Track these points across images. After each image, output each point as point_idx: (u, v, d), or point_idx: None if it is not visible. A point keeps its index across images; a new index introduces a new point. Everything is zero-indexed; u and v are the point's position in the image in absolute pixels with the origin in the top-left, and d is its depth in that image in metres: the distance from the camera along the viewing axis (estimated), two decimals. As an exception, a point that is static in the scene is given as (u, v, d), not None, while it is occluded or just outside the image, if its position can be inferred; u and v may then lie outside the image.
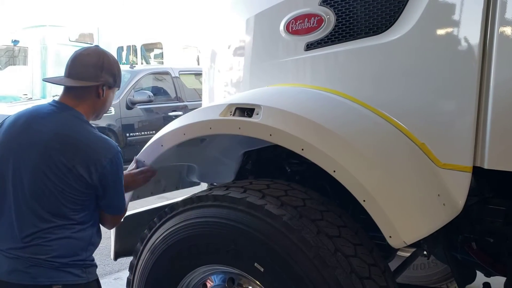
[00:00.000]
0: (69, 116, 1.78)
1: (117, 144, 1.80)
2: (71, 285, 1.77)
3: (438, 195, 1.72)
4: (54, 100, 1.84)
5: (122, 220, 1.98)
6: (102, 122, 6.95)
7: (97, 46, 1.93)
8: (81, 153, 1.70)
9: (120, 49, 14.39)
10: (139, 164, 2.13)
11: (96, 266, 1.90)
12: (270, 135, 1.80)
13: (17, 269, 1.72)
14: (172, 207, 2.03)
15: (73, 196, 1.72)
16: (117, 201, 1.84)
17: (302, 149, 1.73)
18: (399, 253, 2.87)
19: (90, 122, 1.87)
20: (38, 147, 1.71)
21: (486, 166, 1.67)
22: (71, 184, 1.70)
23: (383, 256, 2.12)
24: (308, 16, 2.09)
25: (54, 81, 1.96)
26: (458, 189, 1.73)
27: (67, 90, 1.84)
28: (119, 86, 1.96)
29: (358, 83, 1.99)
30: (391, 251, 2.28)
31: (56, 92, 9.04)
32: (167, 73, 8.36)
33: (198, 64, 12.18)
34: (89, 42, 13.21)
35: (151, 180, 2.15)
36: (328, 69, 2.10)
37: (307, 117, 1.81)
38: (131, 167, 2.13)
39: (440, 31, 1.76)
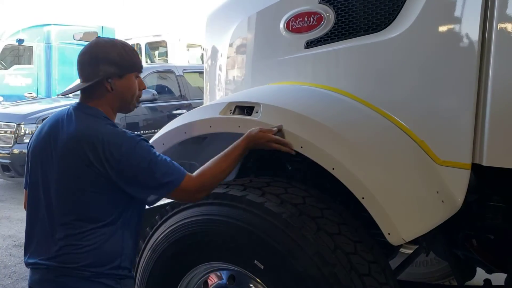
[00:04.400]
0: (85, 115, 1.69)
1: (138, 134, 1.66)
2: None
3: (437, 192, 1.72)
4: (76, 102, 1.76)
5: (197, 186, 1.67)
6: (106, 121, 6.97)
7: (97, 38, 1.76)
8: (96, 148, 1.59)
9: (124, 48, 14.40)
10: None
11: (133, 278, 1.77)
12: (270, 133, 1.81)
13: (48, 279, 1.64)
14: (173, 205, 2.04)
15: (95, 194, 1.61)
16: (155, 183, 1.62)
17: (301, 147, 1.74)
18: (402, 250, 2.88)
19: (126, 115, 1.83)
20: (58, 150, 1.65)
21: (484, 163, 1.67)
22: (91, 180, 1.60)
23: (385, 253, 2.13)
24: (308, 14, 2.10)
25: (70, 91, 1.92)
26: (457, 186, 1.73)
27: (82, 90, 1.75)
28: (133, 70, 1.74)
29: (358, 81, 1.99)
30: (393, 248, 2.29)
31: (60, 91, 9.07)
32: (171, 72, 8.38)
33: (203, 62, 12.19)
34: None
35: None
36: (328, 67, 2.11)
37: (306, 115, 1.81)
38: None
39: (439, 28, 1.75)
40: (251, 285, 1.90)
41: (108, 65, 1.67)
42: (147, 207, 1.84)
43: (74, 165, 1.61)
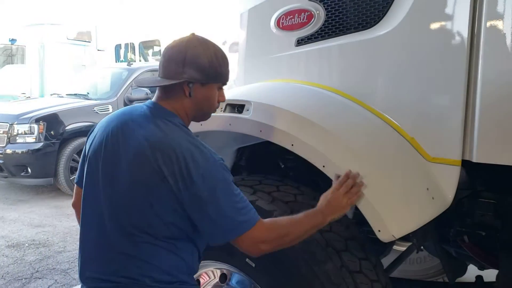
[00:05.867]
0: (163, 120, 1.50)
1: (219, 157, 1.47)
2: None
3: (427, 189, 1.72)
4: (149, 101, 1.60)
5: (266, 235, 1.45)
6: (100, 120, 6.96)
7: (191, 34, 1.57)
8: (172, 163, 1.40)
9: (118, 47, 14.36)
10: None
11: (195, 285, 1.59)
12: (260, 131, 1.81)
13: None
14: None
15: (162, 212, 1.43)
16: (216, 223, 1.41)
17: (292, 145, 1.74)
18: (395, 247, 2.88)
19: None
20: (128, 155, 1.47)
21: (474, 160, 1.67)
22: (161, 196, 1.42)
23: (378, 251, 2.14)
24: (298, 11, 2.10)
25: (147, 84, 1.68)
26: (448, 183, 1.73)
27: (159, 88, 1.59)
28: (218, 81, 1.57)
29: (348, 78, 1.99)
30: (386, 246, 2.29)
31: (55, 90, 9.04)
32: (164, 70, 8.35)
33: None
34: (87, 40, 13.22)
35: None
36: (319, 64, 2.11)
37: (296, 112, 1.81)
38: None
39: (428, 26, 1.75)
40: (242, 283, 1.90)
41: (194, 69, 1.50)
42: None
43: (146, 175, 1.43)
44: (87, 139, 1.65)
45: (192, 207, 1.41)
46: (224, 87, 2.62)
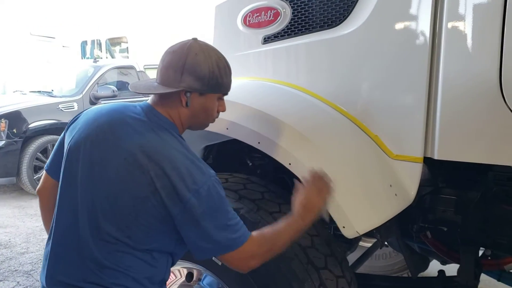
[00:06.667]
0: (161, 129, 1.43)
1: (213, 173, 1.41)
2: None
3: (390, 185, 1.75)
4: (145, 103, 1.50)
5: (254, 250, 1.40)
6: (65, 118, 6.80)
7: (193, 39, 1.48)
8: (167, 176, 1.33)
9: (84, 43, 14.09)
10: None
11: None
12: (227, 128, 1.81)
13: None
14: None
15: (146, 224, 1.36)
16: (208, 240, 1.35)
17: (259, 143, 1.74)
18: (361, 243, 2.93)
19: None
20: (118, 159, 1.37)
21: (436, 157, 1.71)
22: (148, 210, 1.35)
23: (345, 247, 2.16)
24: (265, 9, 2.11)
25: (141, 89, 1.53)
26: (410, 180, 1.77)
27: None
28: (218, 91, 1.49)
29: (314, 77, 2.01)
30: (353, 242, 2.32)
31: (16, 88, 8.79)
32: (131, 68, 8.24)
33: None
34: (51, 36, 12.91)
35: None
36: (285, 62, 2.12)
37: (263, 110, 1.82)
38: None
39: (391, 26, 1.78)
40: (209, 281, 1.89)
41: (193, 79, 1.41)
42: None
43: (135, 185, 1.35)
44: (68, 127, 1.54)
45: (183, 222, 1.34)
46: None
